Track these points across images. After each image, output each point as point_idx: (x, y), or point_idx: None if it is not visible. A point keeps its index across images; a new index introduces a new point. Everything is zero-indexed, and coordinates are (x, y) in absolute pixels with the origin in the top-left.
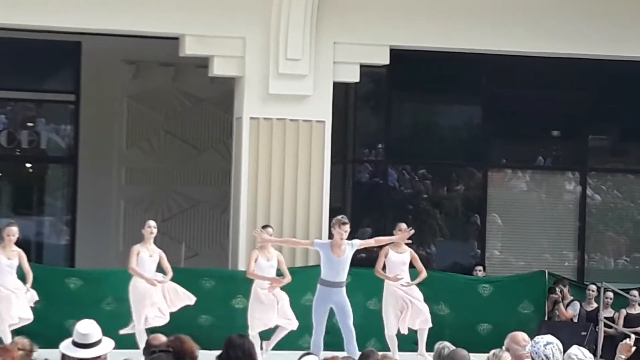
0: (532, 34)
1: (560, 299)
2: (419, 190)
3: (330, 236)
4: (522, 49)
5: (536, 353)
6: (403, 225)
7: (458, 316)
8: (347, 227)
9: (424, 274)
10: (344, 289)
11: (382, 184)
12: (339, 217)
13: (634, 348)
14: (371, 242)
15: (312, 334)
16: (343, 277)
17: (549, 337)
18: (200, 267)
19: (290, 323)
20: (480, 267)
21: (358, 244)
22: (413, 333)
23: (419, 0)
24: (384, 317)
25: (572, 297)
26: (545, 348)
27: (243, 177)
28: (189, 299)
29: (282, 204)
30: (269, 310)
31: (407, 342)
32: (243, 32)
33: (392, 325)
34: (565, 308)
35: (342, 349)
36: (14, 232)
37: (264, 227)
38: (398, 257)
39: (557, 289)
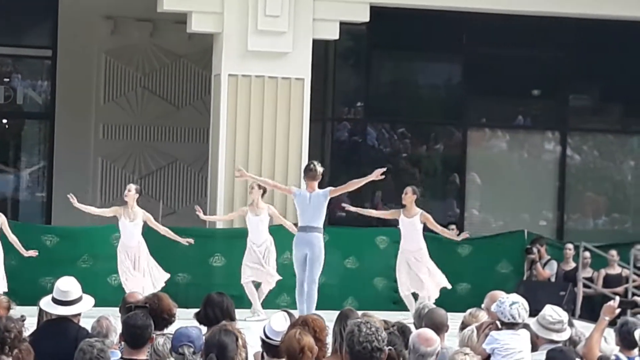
0: None
1: (538, 259)
2: (398, 149)
3: None
4: (502, 7)
5: (502, 313)
6: (409, 189)
7: None
8: (311, 173)
9: (446, 232)
10: (320, 238)
11: (361, 143)
12: None
13: (617, 310)
14: (344, 188)
15: None
16: (317, 220)
17: (514, 297)
18: (177, 225)
19: (273, 280)
20: (454, 226)
21: (330, 189)
22: (393, 292)
23: None
24: (397, 277)
25: (549, 257)
26: (511, 308)
27: (221, 135)
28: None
29: (261, 161)
30: (256, 263)
31: (387, 301)
32: None
33: (403, 285)
34: (543, 268)
35: (317, 308)
36: None
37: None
38: (408, 221)
39: (534, 249)
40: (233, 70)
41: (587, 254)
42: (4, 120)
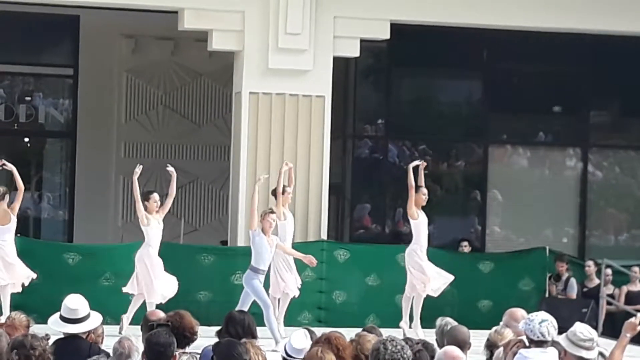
0: (533, 9)
1: (558, 290)
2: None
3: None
4: (523, 23)
5: (531, 331)
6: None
7: (458, 292)
8: (274, 216)
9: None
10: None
11: (382, 160)
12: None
13: (639, 327)
14: (284, 248)
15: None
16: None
17: (543, 314)
18: (199, 242)
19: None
20: (466, 242)
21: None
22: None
23: None
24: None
25: (568, 274)
26: (541, 326)
27: (242, 152)
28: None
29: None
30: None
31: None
32: (242, 6)
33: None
34: (564, 288)
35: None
36: None
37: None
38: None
39: (554, 287)
40: (254, 88)
41: (608, 270)
42: (26, 139)
